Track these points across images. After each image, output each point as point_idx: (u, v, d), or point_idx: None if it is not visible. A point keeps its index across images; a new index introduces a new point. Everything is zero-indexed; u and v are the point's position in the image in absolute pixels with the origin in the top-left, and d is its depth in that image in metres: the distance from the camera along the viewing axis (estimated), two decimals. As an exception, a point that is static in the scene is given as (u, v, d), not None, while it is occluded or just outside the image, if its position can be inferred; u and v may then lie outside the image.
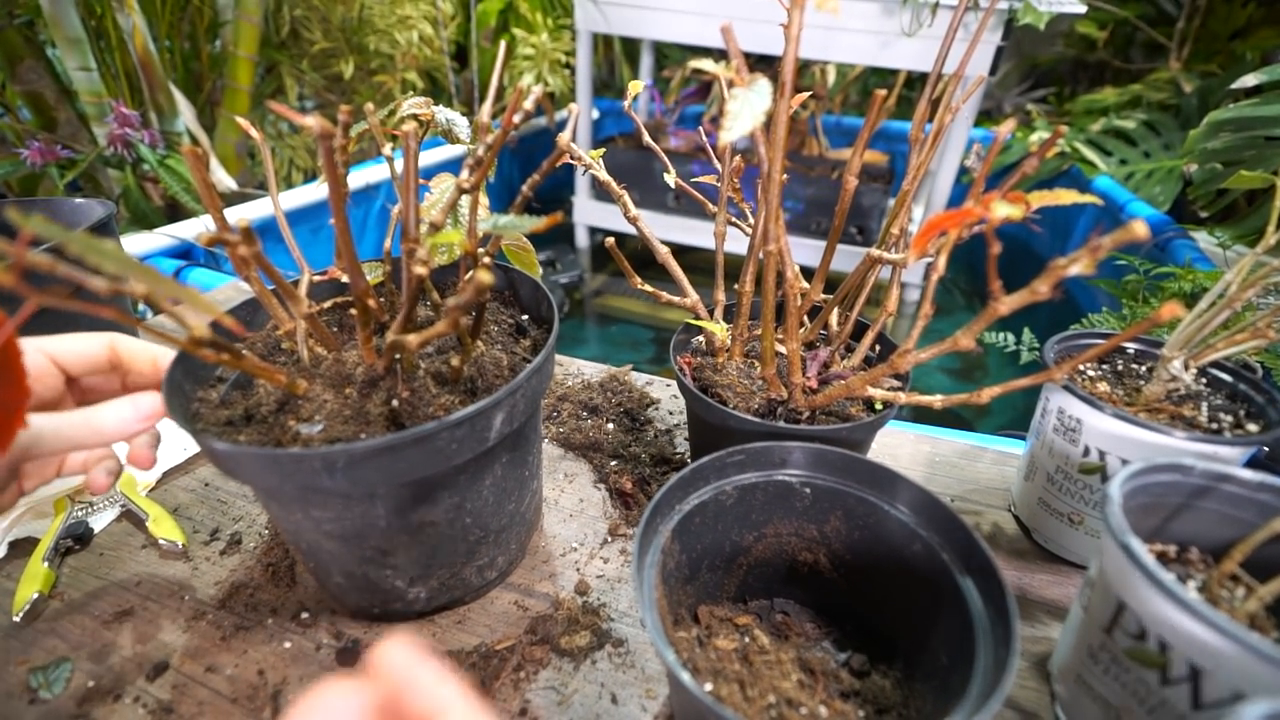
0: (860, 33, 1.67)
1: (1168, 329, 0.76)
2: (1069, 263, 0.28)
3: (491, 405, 0.36)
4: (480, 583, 0.47)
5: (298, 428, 0.37)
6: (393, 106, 0.47)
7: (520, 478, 0.45)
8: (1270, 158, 1.05)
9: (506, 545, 0.47)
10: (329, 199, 0.33)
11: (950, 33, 0.48)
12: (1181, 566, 0.40)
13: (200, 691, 0.42)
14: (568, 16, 2.55)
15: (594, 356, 0.82)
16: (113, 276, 0.25)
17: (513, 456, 0.43)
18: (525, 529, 0.49)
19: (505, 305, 0.53)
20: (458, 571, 0.44)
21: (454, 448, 0.36)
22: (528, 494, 0.48)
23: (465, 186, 0.38)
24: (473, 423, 0.36)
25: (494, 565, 0.47)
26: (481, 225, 0.35)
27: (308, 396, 0.39)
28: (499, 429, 0.38)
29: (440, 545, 0.42)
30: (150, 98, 1.52)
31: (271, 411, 0.39)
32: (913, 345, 0.40)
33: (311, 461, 0.32)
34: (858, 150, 0.47)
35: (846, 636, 0.43)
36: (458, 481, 0.40)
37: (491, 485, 0.42)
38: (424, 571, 0.43)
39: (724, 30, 0.34)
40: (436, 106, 0.47)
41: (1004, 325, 1.21)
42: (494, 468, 0.42)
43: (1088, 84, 2.74)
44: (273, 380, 0.37)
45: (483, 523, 0.43)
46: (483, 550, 0.45)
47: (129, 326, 0.64)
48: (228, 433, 0.38)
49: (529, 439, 0.46)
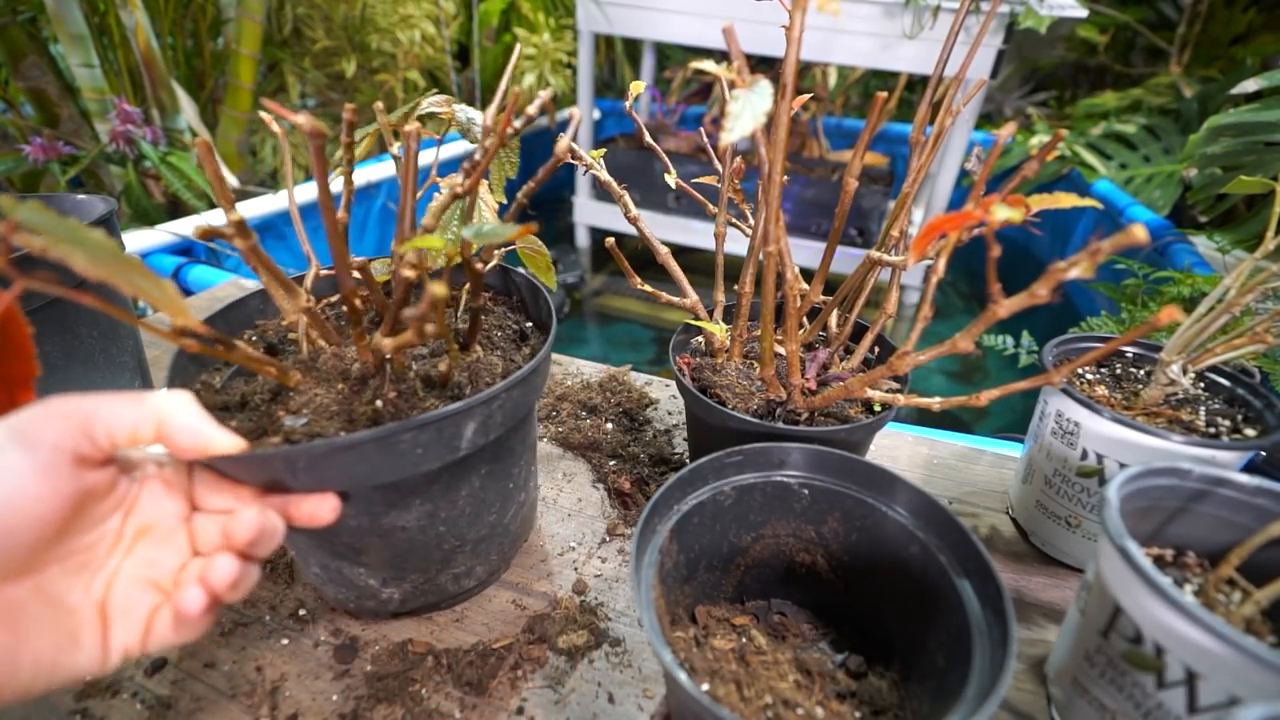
0: (862, 35, 1.67)
1: (1166, 333, 0.76)
2: (1068, 266, 0.28)
3: (461, 411, 0.35)
4: (457, 590, 0.46)
5: (284, 419, 0.37)
6: (413, 104, 0.47)
7: (503, 490, 0.44)
8: (1270, 163, 1.05)
9: (486, 556, 0.46)
10: (318, 197, 0.33)
11: (951, 36, 0.48)
12: (1178, 570, 0.40)
13: (198, 687, 0.42)
14: (569, 16, 2.55)
15: (594, 356, 0.82)
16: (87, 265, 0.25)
17: (494, 469, 0.42)
18: (509, 540, 0.48)
19: (512, 310, 0.53)
20: (432, 577, 0.44)
21: (419, 453, 0.35)
22: (512, 506, 0.46)
23: (459, 191, 0.38)
24: (439, 428, 0.35)
25: (472, 574, 0.46)
26: (465, 232, 0.35)
27: (299, 389, 0.39)
28: (471, 438, 0.37)
29: (412, 550, 0.41)
30: (152, 95, 1.52)
31: (265, 401, 0.39)
32: (912, 347, 0.41)
33: (274, 461, 0.32)
34: (858, 152, 0.47)
35: (844, 637, 0.43)
36: (430, 490, 0.39)
37: (469, 496, 0.41)
38: (397, 574, 0.42)
39: (726, 31, 0.34)
40: (458, 105, 0.47)
41: (1003, 328, 1.21)
42: (470, 479, 0.41)
43: (1088, 88, 2.74)
44: (263, 371, 0.37)
45: (458, 532, 0.43)
46: (459, 559, 0.44)
47: (129, 324, 0.64)
48: (221, 418, 0.39)
49: (515, 451, 0.44)
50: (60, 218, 0.25)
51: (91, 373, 0.60)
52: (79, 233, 0.25)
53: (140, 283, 0.26)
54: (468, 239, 0.32)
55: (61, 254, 0.24)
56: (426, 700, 0.41)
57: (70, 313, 0.57)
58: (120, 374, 0.63)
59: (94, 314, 0.59)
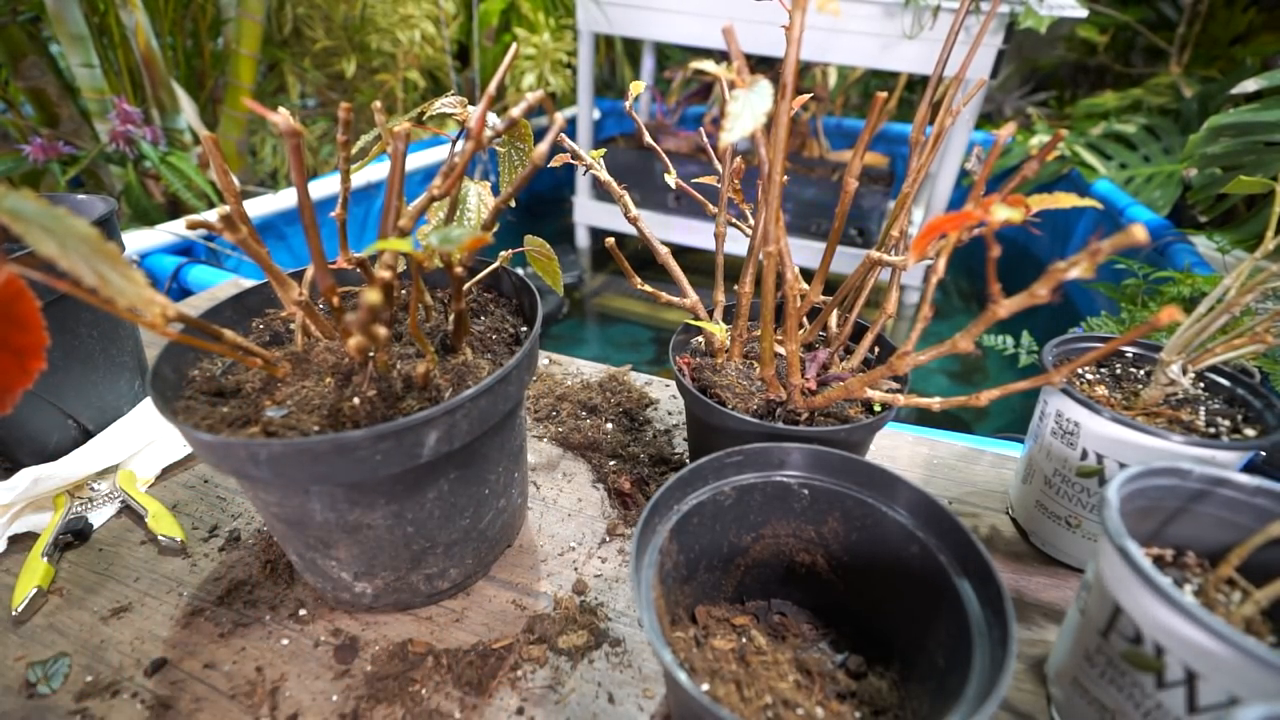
0: (862, 35, 1.67)
1: (1166, 333, 0.76)
2: (1068, 266, 0.28)
3: (420, 423, 0.35)
4: (430, 590, 0.46)
5: (267, 410, 0.38)
6: (425, 105, 0.47)
7: (476, 495, 0.44)
8: (1270, 163, 1.05)
9: (460, 559, 0.46)
10: (296, 195, 0.33)
11: (951, 36, 0.48)
12: (1178, 570, 0.40)
13: (198, 688, 0.42)
14: (569, 16, 2.55)
15: (594, 356, 0.82)
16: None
17: (464, 474, 0.42)
18: (486, 545, 0.48)
19: (511, 314, 0.53)
20: (403, 576, 0.44)
21: (378, 459, 0.35)
22: (488, 511, 0.46)
23: (436, 193, 0.38)
24: (399, 437, 0.35)
25: (445, 576, 0.46)
26: (432, 238, 0.35)
27: (286, 381, 0.39)
28: (434, 446, 0.37)
29: (380, 548, 0.42)
30: (152, 95, 1.52)
31: (255, 390, 0.40)
32: (912, 347, 0.41)
33: (237, 450, 0.33)
34: (858, 152, 0.47)
35: (843, 637, 0.43)
36: (394, 490, 0.39)
37: (436, 499, 0.41)
38: (367, 569, 0.43)
39: (725, 32, 0.34)
40: (471, 106, 0.47)
41: (1003, 328, 1.21)
42: (438, 482, 0.41)
43: (1088, 88, 2.74)
44: (250, 362, 0.37)
45: (428, 534, 0.43)
46: (430, 560, 0.44)
47: (129, 324, 0.64)
48: (213, 404, 0.39)
49: (489, 458, 0.44)
50: (41, 205, 0.25)
51: (91, 373, 0.60)
52: (53, 220, 0.25)
53: (106, 272, 0.26)
54: (434, 245, 0.32)
55: (32, 241, 0.24)
56: (426, 700, 0.41)
57: (70, 312, 0.57)
58: (120, 374, 0.63)
59: (94, 314, 0.59)
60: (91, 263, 0.26)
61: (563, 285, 0.54)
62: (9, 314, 0.26)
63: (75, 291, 0.26)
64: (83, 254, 0.25)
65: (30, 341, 0.27)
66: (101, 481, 0.57)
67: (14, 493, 0.52)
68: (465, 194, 0.49)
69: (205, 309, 0.44)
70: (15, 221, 0.24)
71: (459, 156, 0.37)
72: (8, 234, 0.24)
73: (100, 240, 0.26)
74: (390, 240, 0.32)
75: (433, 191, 0.38)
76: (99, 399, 0.61)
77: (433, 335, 0.46)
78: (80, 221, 0.25)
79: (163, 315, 0.30)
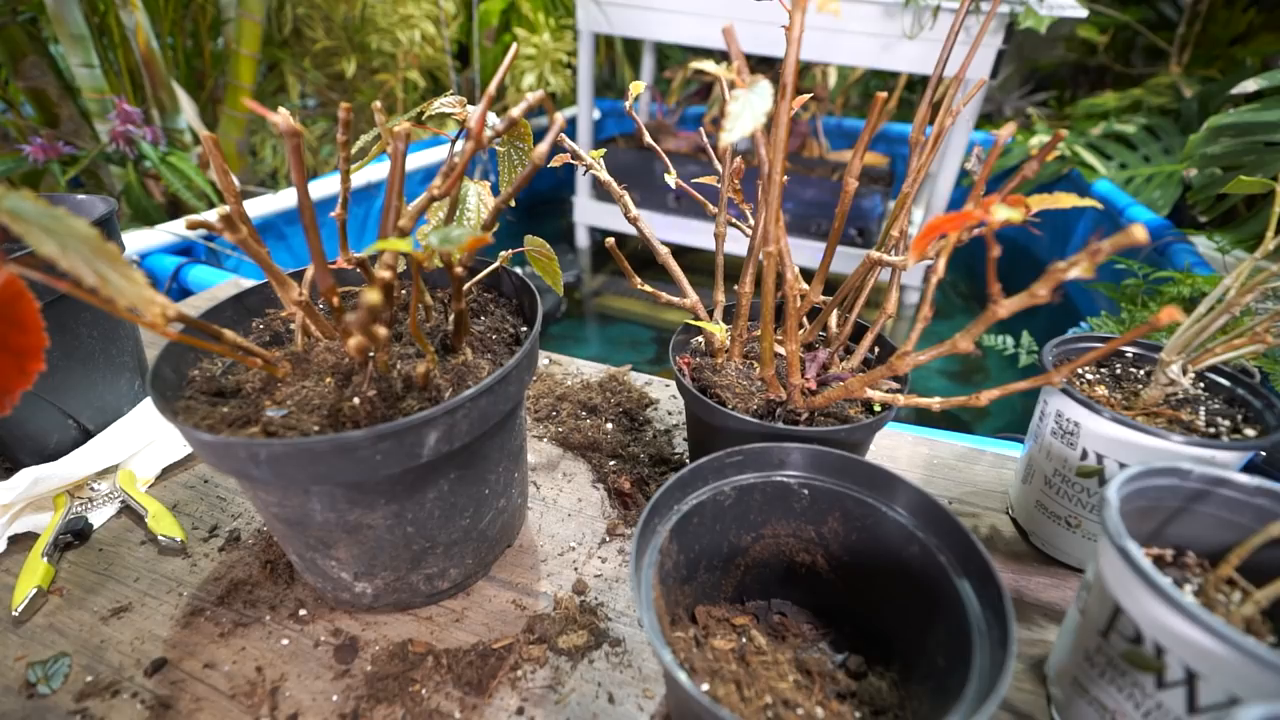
0: (862, 35, 1.67)
1: (1166, 333, 0.76)
2: (1068, 266, 0.28)
3: (420, 423, 0.35)
4: (430, 590, 0.46)
5: (267, 410, 0.38)
6: (425, 105, 0.47)
7: (476, 495, 0.44)
8: (1270, 163, 1.06)
9: (460, 559, 0.46)
10: (296, 195, 0.33)
11: (951, 36, 0.48)
12: (1178, 570, 0.40)
13: (198, 688, 0.42)
14: (570, 17, 2.55)
15: (594, 356, 0.82)
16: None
17: (464, 474, 0.42)
18: (486, 545, 0.48)
19: (512, 314, 0.53)
20: (403, 576, 0.44)
21: (378, 459, 0.35)
22: (489, 511, 0.46)
23: (435, 193, 0.38)
24: (399, 437, 0.35)
25: (445, 576, 0.46)
26: (431, 238, 0.35)
27: (286, 381, 0.39)
28: (434, 446, 0.37)
29: (380, 548, 0.42)
30: (152, 95, 1.52)
31: (255, 390, 0.40)
32: (911, 347, 0.41)
33: (237, 449, 0.33)
34: (858, 152, 0.47)
35: (844, 637, 0.43)
36: (394, 490, 0.39)
37: (436, 499, 0.41)
38: (367, 569, 0.43)
39: (725, 32, 0.34)
40: (471, 106, 0.47)
41: (1003, 328, 1.21)
42: (439, 483, 0.41)
43: (1088, 88, 2.75)
44: (249, 362, 0.37)
45: (428, 534, 0.43)
46: (430, 560, 0.44)
47: (129, 324, 0.64)
48: (213, 404, 0.39)
49: (490, 458, 0.44)
50: (41, 205, 0.25)
51: (91, 373, 0.60)
52: (53, 220, 0.25)
53: (106, 272, 0.26)
54: (434, 245, 0.32)
55: (32, 241, 0.24)
56: (426, 700, 0.41)
57: (70, 313, 0.57)
58: (120, 374, 0.63)
59: (94, 314, 0.59)
60: (91, 263, 0.26)
61: (562, 285, 0.54)
62: (9, 315, 0.26)
63: (75, 292, 0.26)
64: (83, 254, 0.25)
65: (30, 343, 0.27)
66: (101, 481, 0.57)
67: (14, 493, 0.52)
68: (465, 194, 0.49)
69: (205, 309, 0.44)
70: (15, 221, 0.24)
71: (459, 156, 0.37)
72: (8, 234, 0.24)
73: (100, 240, 0.26)
74: (390, 240, 0.32)
75: (433, 191, 0.38)
76: (99, 399, 0.61)
77: (433, 335, 0.46)
78: (80, 221, 0.25)
79: (163, 315, 0.30)
